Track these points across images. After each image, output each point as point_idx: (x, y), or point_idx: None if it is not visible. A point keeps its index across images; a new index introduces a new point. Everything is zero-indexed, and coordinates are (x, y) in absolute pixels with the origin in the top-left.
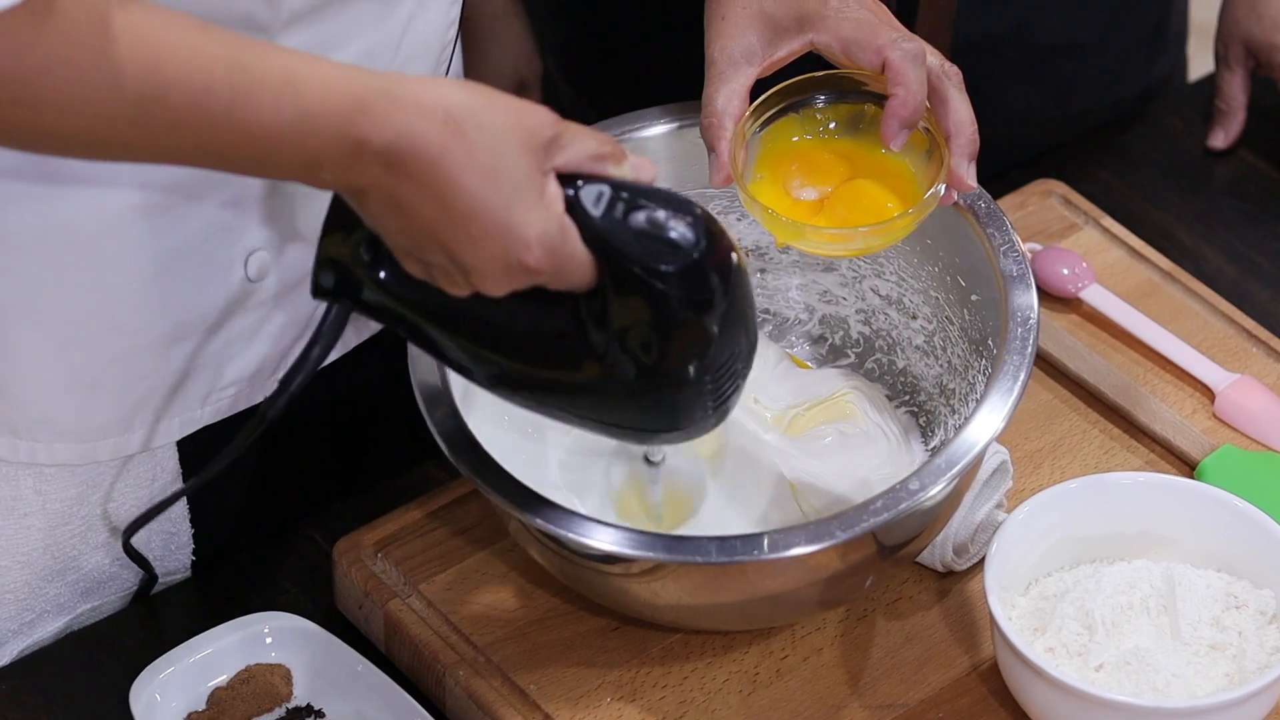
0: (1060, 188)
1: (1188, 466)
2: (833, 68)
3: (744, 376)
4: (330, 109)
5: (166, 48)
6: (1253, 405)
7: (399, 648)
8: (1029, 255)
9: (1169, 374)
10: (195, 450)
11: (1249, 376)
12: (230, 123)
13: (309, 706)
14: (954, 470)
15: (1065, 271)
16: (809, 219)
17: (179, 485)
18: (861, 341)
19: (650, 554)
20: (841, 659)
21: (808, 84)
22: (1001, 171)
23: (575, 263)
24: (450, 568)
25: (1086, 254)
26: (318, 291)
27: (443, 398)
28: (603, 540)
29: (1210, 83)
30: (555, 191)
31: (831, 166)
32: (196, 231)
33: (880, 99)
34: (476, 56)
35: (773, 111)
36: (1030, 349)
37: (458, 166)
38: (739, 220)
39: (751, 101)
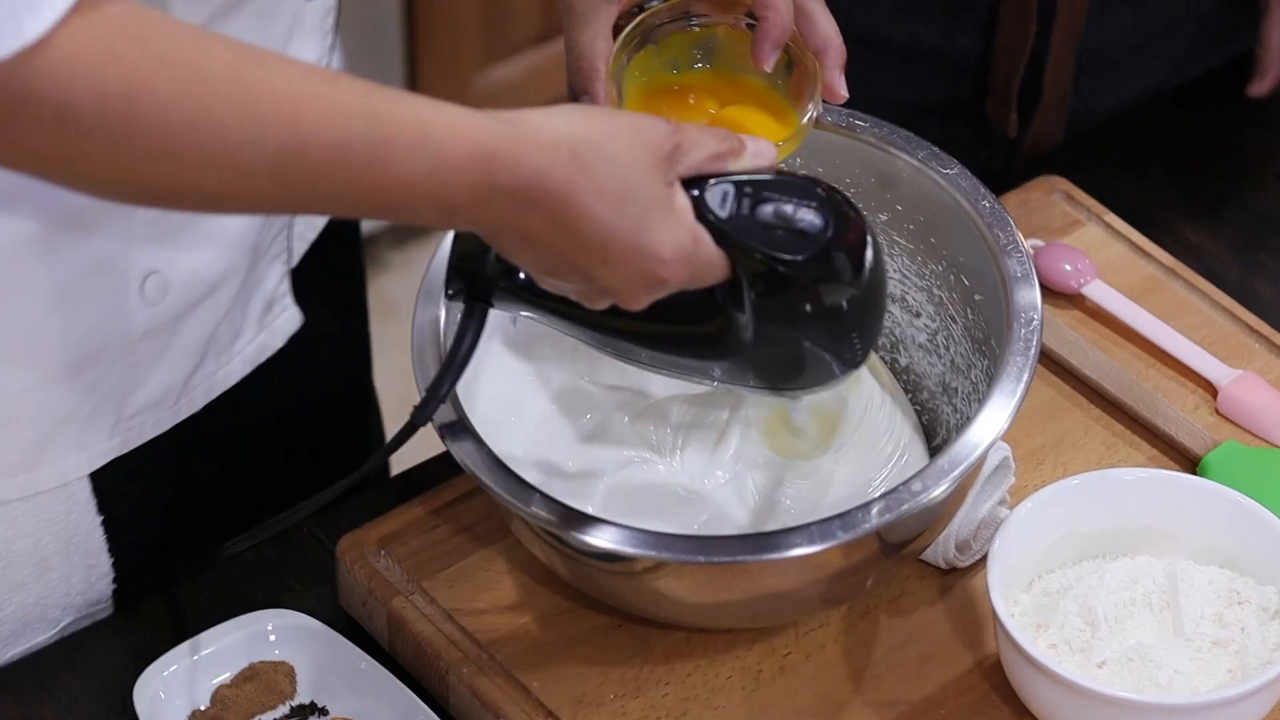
0: (1063, 184)
1: (1190, 463)
2: None
3: (876, 333)
4: (463, 157)
5: (305, 100)
6: (1256, 401)
7: (402, 645)
8: (1032, 253)
9: (1172, 370)
10: (110, 484)
11: (1252, 372)
12: (368, 174)
13: (312, 704)
14: (957, 471)
15: (1068, 268)
16: None
17: (93, 513)
18: None
19: (652, 553)
20: (844, 656)
21: (663, 12)
22: (1005, 168)
23: (710, 265)
24: (454, 565)
25: (1089, 250)
26: (452, 294)
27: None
28: (604, 539)
29: (1210, 81)
30: (684, 202)
31: (699, 100)
32: (90, 258)
33: (730, 18)
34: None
35: (635, 44)
36: (1034, 350)
37: (587, 198)
38: None
39: (614, 38)
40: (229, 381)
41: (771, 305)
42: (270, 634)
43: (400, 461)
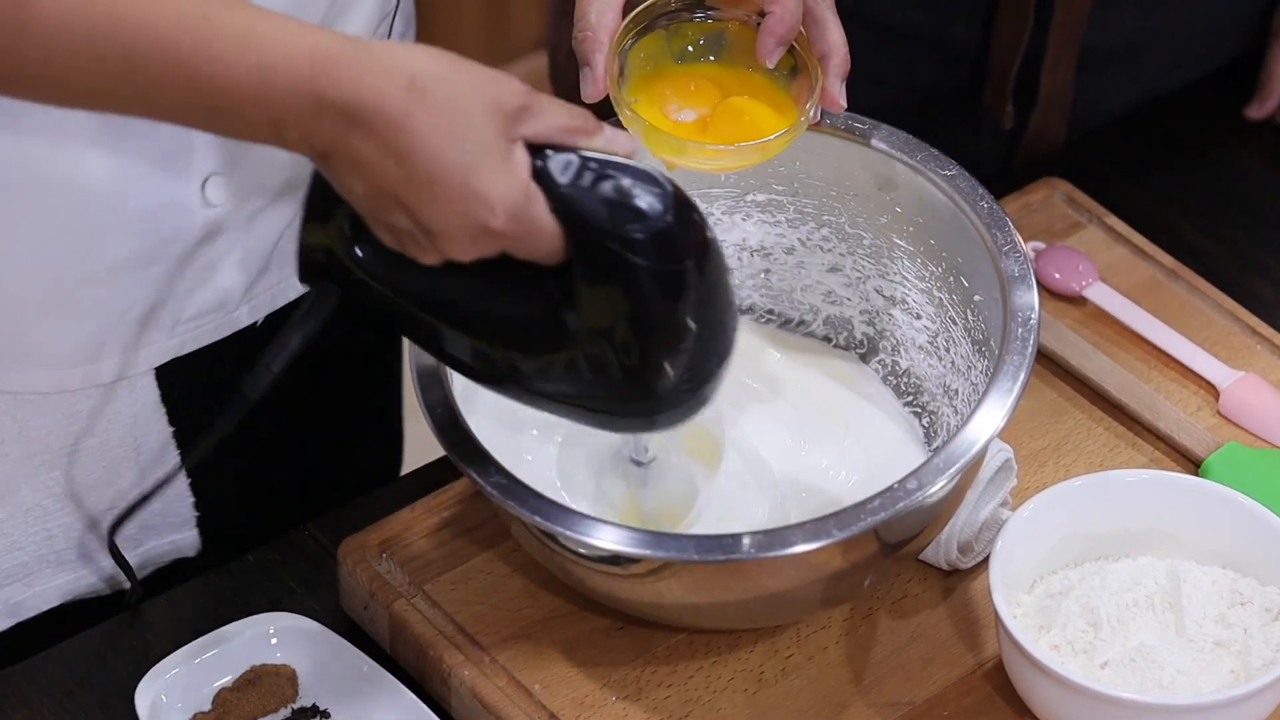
0: (1064, 186)
1: (1192, 464)
2: None
3: (722, 357)
4: (291, 64)
5: None
6: (1257, 402)
7: (404, 648)
8: (1032, 255)
9: (1173, 371)
10: (176, 390)
11: (1254, 374)
12: (191, 71)
13: (314, 707)
14: (952, 469)
15: (1070, 270)
16: (691, 135)
17: (162, 420)
18: (866, 342)
19: (648, 552)
20: (846, 657)
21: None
22: (1006, 169)
23: (540, 230)
24: (455, 568)
25: (1090, 252)
26: (303, 276)
27: (443, 397)
28: (603, 539)
29: (1216, 80)
30: (522, 159)
31: (703, 89)
32: (150, 153)
33: (741, 15)
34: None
35: (643, 26)
36: (1031, 349)
37: (420, 128)
38: (744, 220)
39: (624, 16)
40: (292, 293)
41: (602, 292)
42: (272, 637)
43: (402, 465)
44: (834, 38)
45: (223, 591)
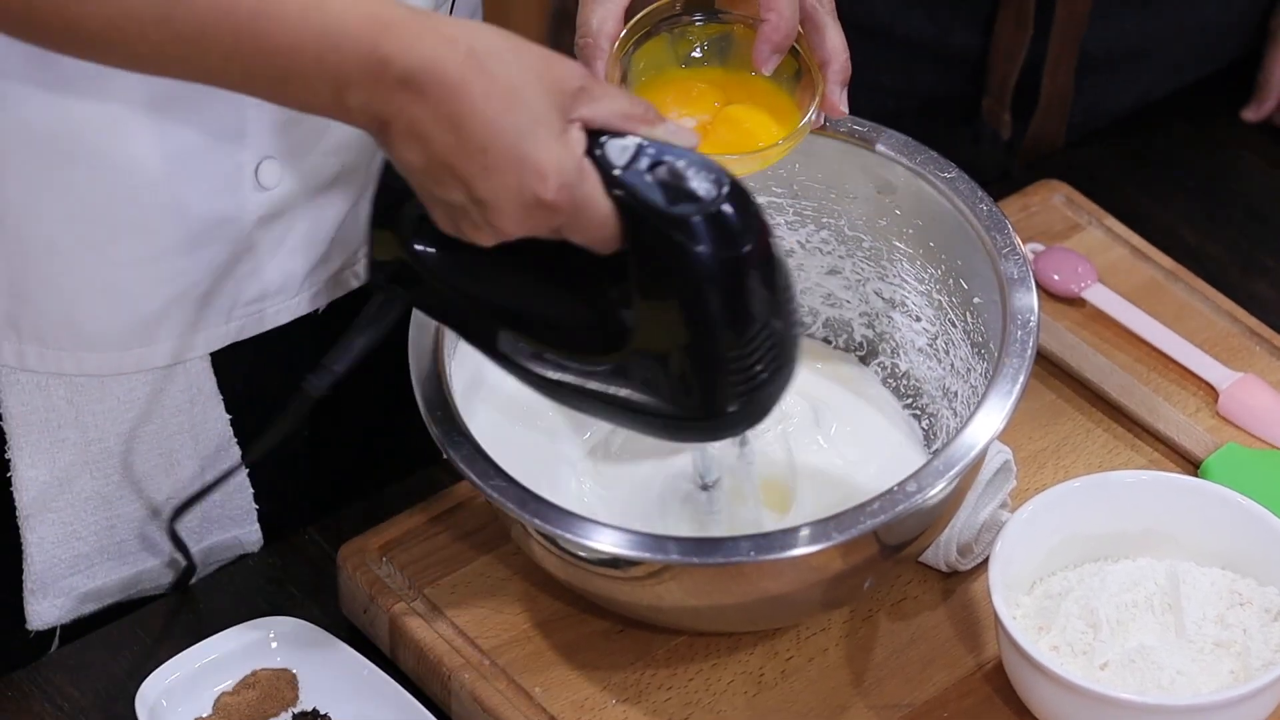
0: (1063, 188)
1: (1191, 465)
2: None
3: (781, 362)
4: (354, 27)
5: None
6: (1256, 403)
7: (404, 652)
8: (1030, 258)
9: (1172, 373)
10: (234, 377)
11: (1253, 375)
12: (254, 32)
13: (314, 711)
14: (951, 472)
15: (1069, 271)
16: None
17: (219, 408)
18: (865, 345)
19: (646, 554)
20: (846, 659)
21: (678, 3)
22: (1005, 173)
23: (594, 209)
24: (455, 571)
25: (1089, 254)
26: (372, 281)
27: (444, 401)
28: (601, 541)
29: (1214, 81)
30: (577, 137)
31: (704, 94)
32: (200, 135)
33: (745, 19)
34: None
35: (645, 31)
36: (1030, 351)
37: (476, 95)
38: None
39: (626, 22)
40: (355, 281)
41: (658, 281)
42: (272, 641)
43: (402, 469)
44: (834, 44)
45: (223, 595)
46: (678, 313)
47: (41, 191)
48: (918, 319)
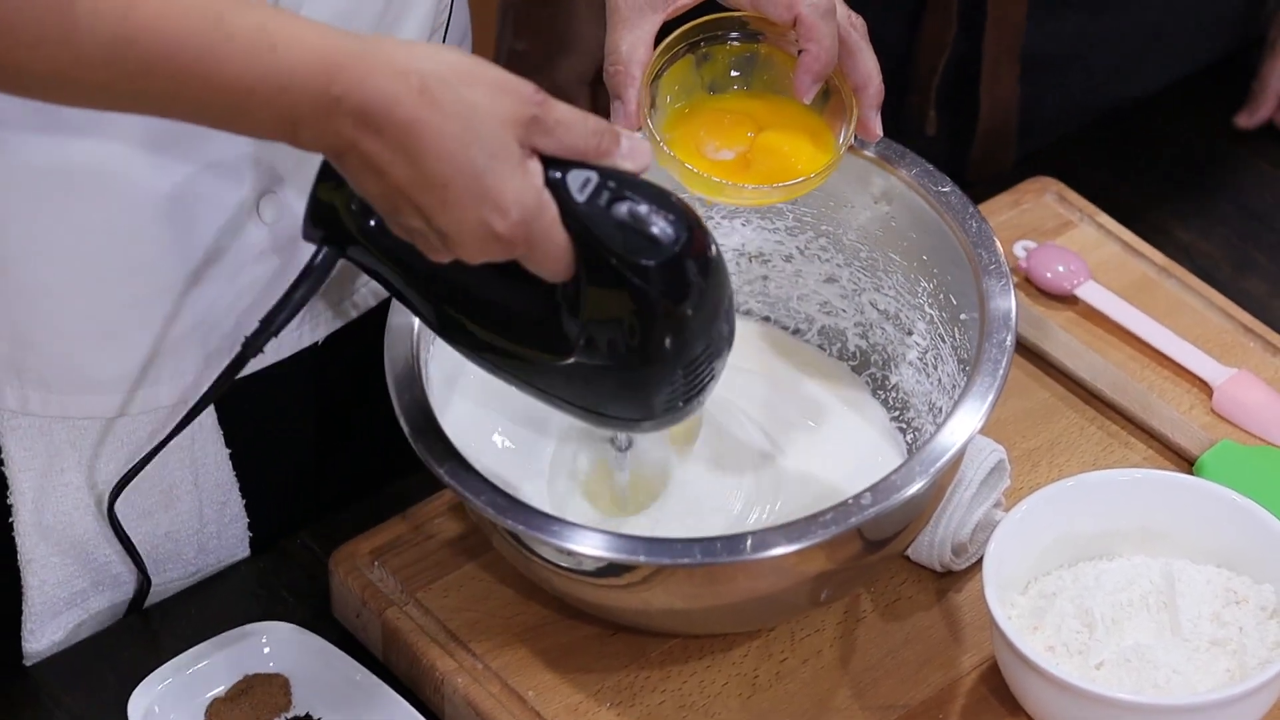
0: (1055, 185)
1: (1186, 462)
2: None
3: (719, 369)
4: (305, 67)
5: None
6: (1250, 400)
7: (397, 656)
8: (1015, 281)
9: (1166, 370)
10: (234, 413)
11: (1246, 371)
12: (202, 74)
13: (307, 716)
14: (935, 467)
15: (1060, 269)
16: (730, 175)
17: (219, 443)
18: (858, 355)
19: (629, 556)
20: (841, 660)
21: (709, 25)
22: (999, 170)
23: (552, 243)
24: (447, 575)
25: (1082, 251)
26: (309, 235)
27: (423, 408)
28: (584, 546)
29: (1206, 77)
30: (535, 167)
31: (737, 123)
32: (203, 171)
33: (771, 38)
34: (559, 30)
35: (673, 54)
36: (1009, 340)
37: (431, 132)
38: (743, 225)
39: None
40: (354, 312)
41: (608, 310)
42: (264, 646)
43: (392, 474)
44: (868, 68)
45: (215, 601)
46: (624, 336)
47: (42, 235)
48: (909, 332)
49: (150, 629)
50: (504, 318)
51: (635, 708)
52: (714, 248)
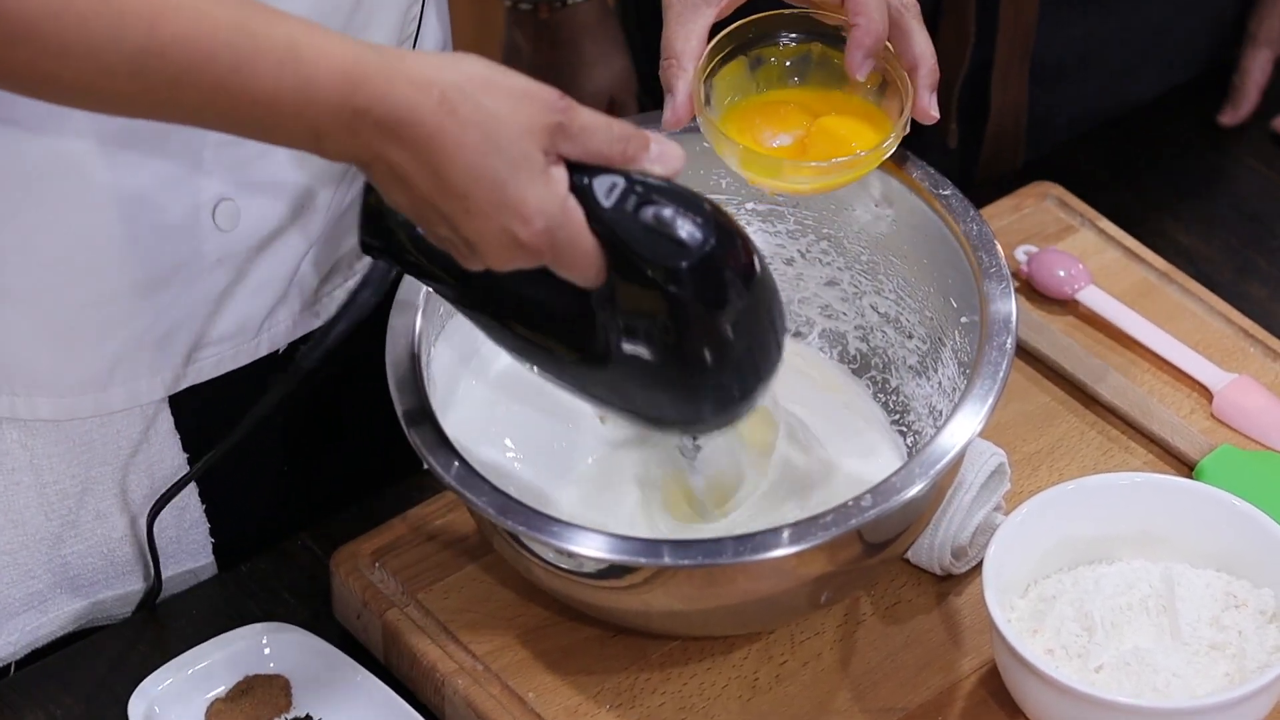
0: (1056, 190)
1: (1186, 467)
2: (787, 8)
3: (767, 374)
4: (330, 80)
5: (171, 3)
6: (1251, 405)
7: (397, 657)
8: (1015, 285)
9: (1166, 374)
10: (191, 416)
11: (1247, 376)
12: (231, 86)
13: (308, 717)
14: (935, 469)
15: (1061, 273)
16: (789, 157)
17: (176, 447)
18: (859, 358)
19: (626, 558)
20: (841, 663)
21: (762, 23)
22: (1006, 171)
23: (579, 248)
24: (448, 576)
25: (1083, 255)
26: (366, 246)
27: (424, 409)
28: (582, 546)
29: (1206, 82)
30: (560, 174)
31: (792, 114)
32: (157, 177)
33: (830, 35)
34: (564, 72)
35: (726, 52)
36: (1006, 362)
37: (452, 142)
38: (745, 228)
39: (708, 42)
40: (315, 322)
41: (641, 314)
42: (265, 647)
43: (394, 475)
44: (921, 48)
45: (216, 602)
46: (662, 342)
47: None
48: (910, 336)
49: (151, 629)
50: (544, 324)
51: (635, 709)
52: (747, 248)
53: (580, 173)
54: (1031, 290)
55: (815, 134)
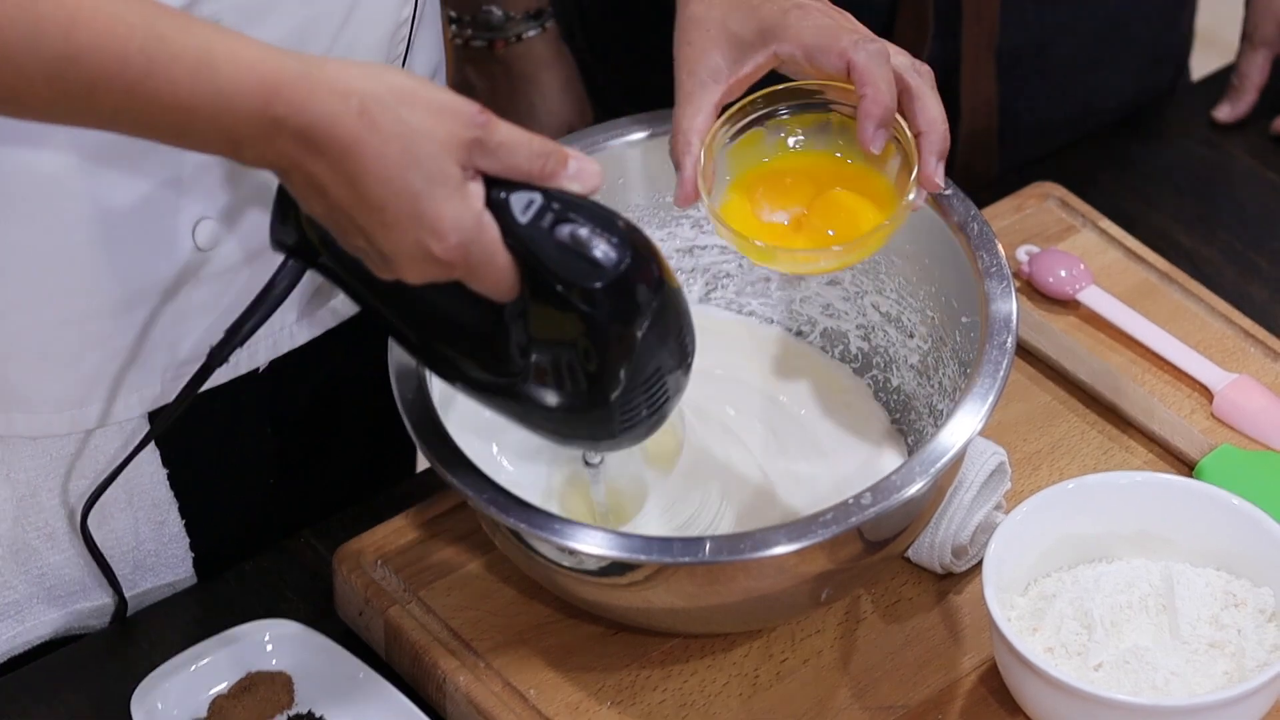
0: (1058, 190)
1: (1186, 466)
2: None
3: (675, 393)
4: (246, 88)
5: (85, 11)
6: (1251, 405)
7: (399, 654)
8: (1017, 285)
9: (1167, 374)
10: (170, 434)
11: (1247, 376)
12: (145, 93)
13: (310, 714)
14: (935, 467)
15: (1063, 273)
16: (785, 240)
17: (155, 462)
18: (860, 357)
19: (625, 555)
20: (841, 661)
21: (773, 96)
22: (1001, 175)
23: (493, 265)
24: (450, 574)
25: (1084, 256)
26: (277, 244)
27: (428, 412)
28: (584, 544)
29: (1208, 84)
30: (476, 190)
31: (798, 185)
32: (136, 195)
33: (843, 105)
34: (521, 106)
35: (739, 126)
36: (1006, 361)
37: (369, 155)
38: None
39: (718, 117)
40: (293, 342)
41: (552, 332)
42: (267, 644)
43: (395, 473)
44: (932, 114)
45: (218, 599)
46: (573, 360)
47: None
48: (911, 335)
49: (153, 626)
50: (456, 337)
51: (636, 706)
52: (660, 268)
53: (498, 188)
54: (1033, 290)
55: (817, 210)
